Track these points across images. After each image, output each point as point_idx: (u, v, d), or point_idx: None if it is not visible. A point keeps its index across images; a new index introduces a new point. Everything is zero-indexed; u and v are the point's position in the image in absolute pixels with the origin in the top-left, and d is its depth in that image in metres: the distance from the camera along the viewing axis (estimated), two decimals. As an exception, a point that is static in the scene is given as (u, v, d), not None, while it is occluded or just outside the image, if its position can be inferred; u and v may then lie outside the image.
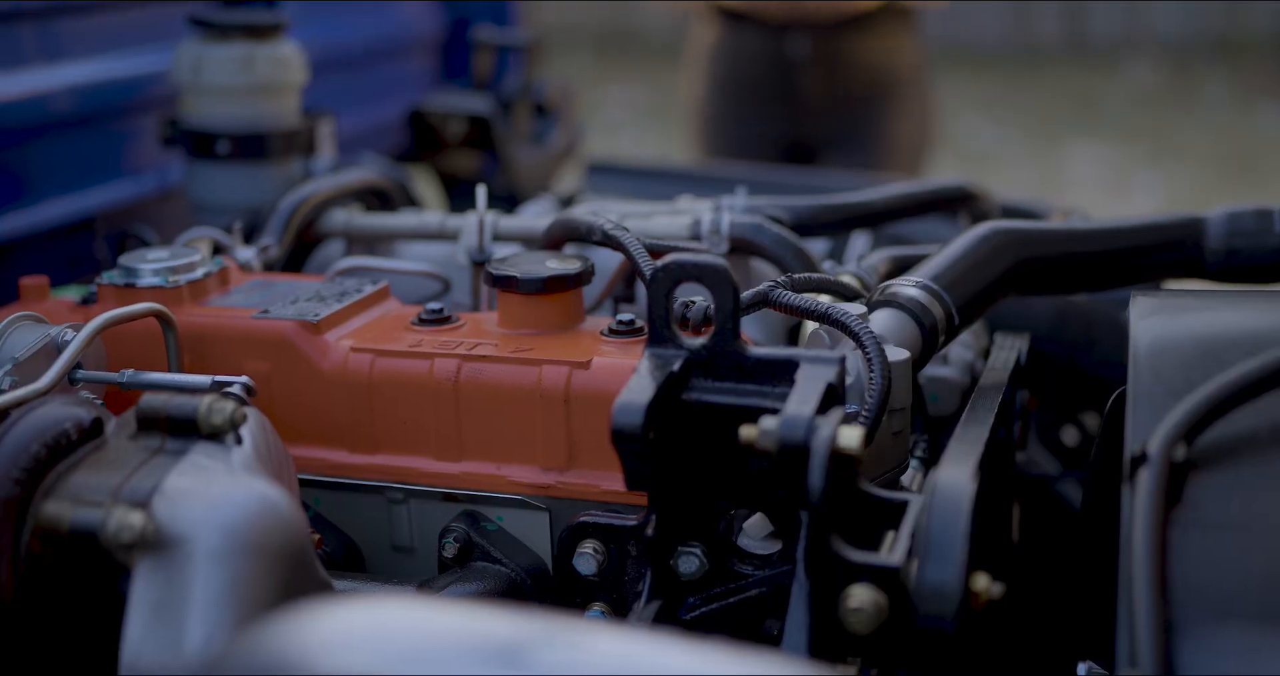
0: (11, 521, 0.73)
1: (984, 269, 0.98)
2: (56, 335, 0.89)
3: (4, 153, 1.34)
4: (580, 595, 0.88)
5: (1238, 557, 0.66)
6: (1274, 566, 0.65)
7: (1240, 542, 0.66)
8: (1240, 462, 0.70)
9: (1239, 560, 0.66)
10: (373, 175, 1.31)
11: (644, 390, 0.78)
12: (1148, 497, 0.67)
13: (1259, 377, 0.71)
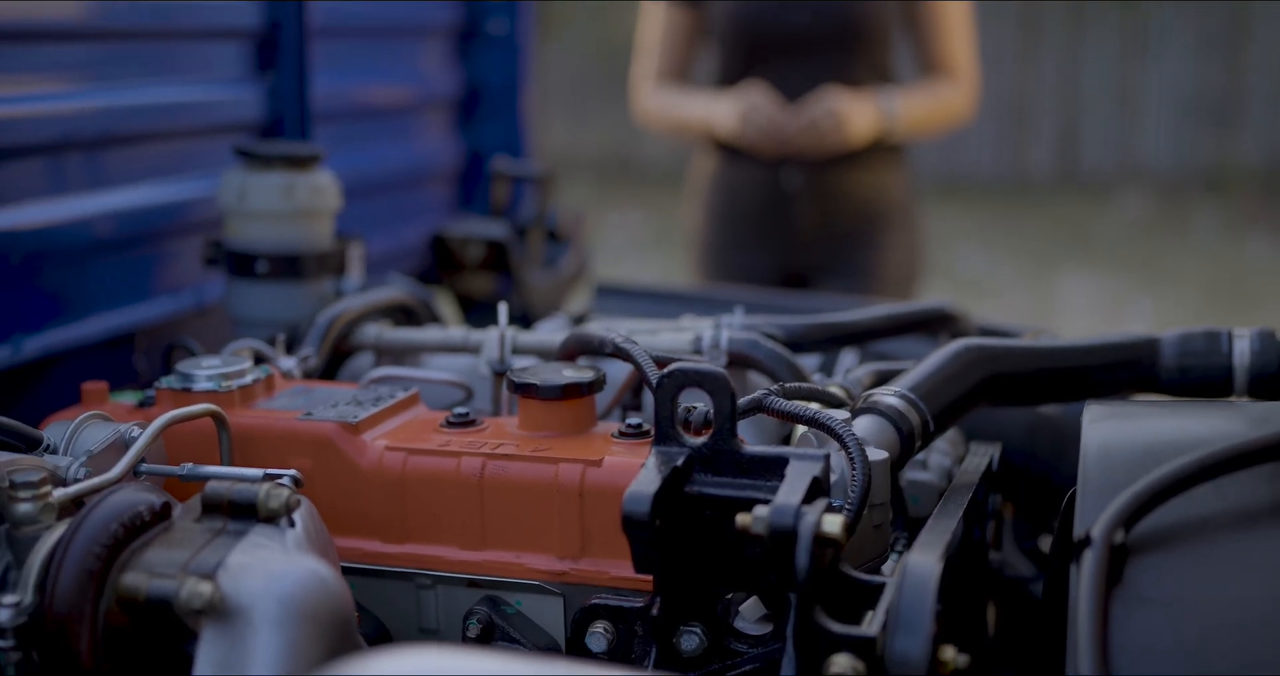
0: (94, 592, 0.83)
1: (957, 381, 1.09)
2: (125, 431, 1.00)
3: (51, 273, 1.45)
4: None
5: (1169, 629, 0.76)
6: (1198, 636, 0.75)
7: (1171, 615, 0.76)
8: (1172, 546, 0.80)
9: (1170, 631, 0.76)
10: (400, 293, 1.42)
11: (651, 482, 0.89)
12: (1091, 576, 0.77)
13: (1189, 473, 0.81)
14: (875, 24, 2.42)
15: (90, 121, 1.50)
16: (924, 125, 2.47)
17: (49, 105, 1.46)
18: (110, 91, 1.54)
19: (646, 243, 7.84)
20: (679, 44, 2.55)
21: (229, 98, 1.73)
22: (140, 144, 1.60)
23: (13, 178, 1.42)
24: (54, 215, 1.46)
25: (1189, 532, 0.80)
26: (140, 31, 1.58)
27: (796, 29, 2.40)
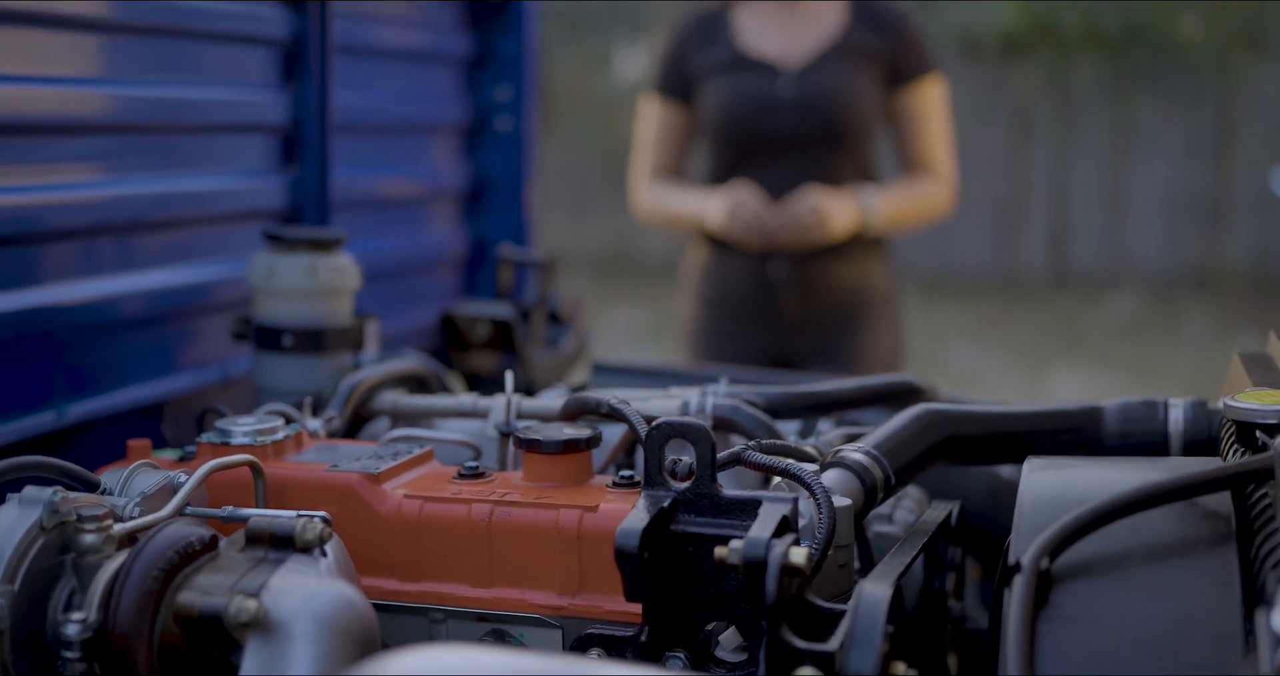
0: (152, 611, 0.95)
1: (916, 441, 1.21)
2: (173, 477, 1.12)
3: (89, 346, 1.58)
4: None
5: (1085, 642, 0.87)
6: (1111, 648, 0.87)
7: (1087, 631, 0.88)
8: (1090, 573, 0.92)
9: (1086, 644, 0.87)
10: (414, 365, 1.55)
11: (640, 520, 1.01)
12: (1020, 598, 0.89)
13: (1106, 511, 0.93)
14: (857, 125, 2.57)
15: (128, 207, 1.64)
16: (903, 220, 2.62)
17: (95, 192, 1.60)
18: (148, 180, 1.68)
19: (645, 335, 8.00)
20: (672, 141, 2.72)
21: (255, 187, 1.87)
22: (172, 228, 1.74)
23: (57, 258, 1.55)
24: (92, 293, 1.59)
25: (1106, 562, 0.92)
26: (175, 126, 1.73)
27: (781, 130, 2.56)
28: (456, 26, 2.34)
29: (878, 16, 2.67)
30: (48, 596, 0.98)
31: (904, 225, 2.66)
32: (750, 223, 2.46)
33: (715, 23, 2.71)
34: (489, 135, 2.42)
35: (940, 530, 1.21)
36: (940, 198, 2.66)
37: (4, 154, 1.45)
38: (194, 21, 1.73)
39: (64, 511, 0.99)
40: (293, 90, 1.92)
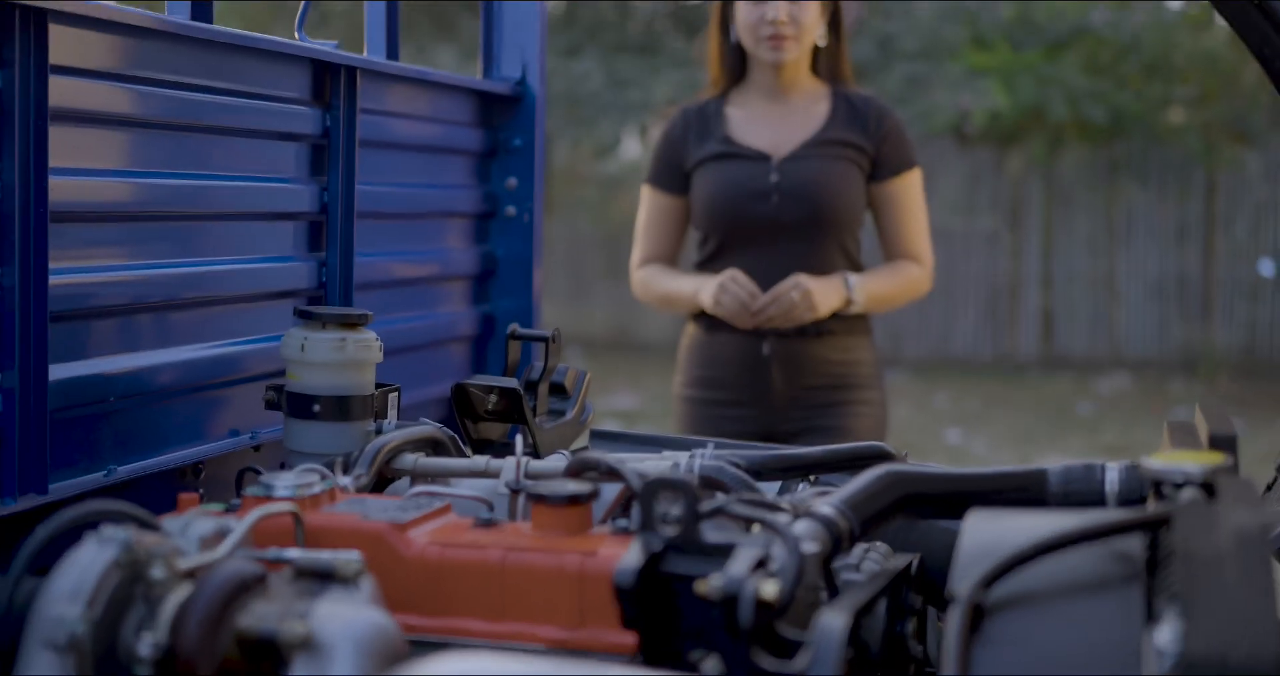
0: (214, 634, 1.10)
1: (880, 497, 1.37)
2: (225, 523, 1.28)
3: (136, 412, 1.74)
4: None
5: (1013, 662, 1.03)
6: (1035, 667, 1.02)
7: (1015, 653, 1.03)
8: (1018, 603, 1.07)
9: (1014, 664, 1.03)
10: (432, 430, 1.71)
11: (635, 560, 1.17)
12: (956, 624, 1.05)
13: (1032, 551, 1.09)
14: (840, 212, 2.74)
15: (173, 286, 1.80)
16: (884, 300, 2.78)
17: (143, 273, 1.76)
18: (190, 262, 1.85)
19: (640, 419, 8.17)
20: (667, 229, 2.90)
21: (285, 269, 2.04)
22: (211, 306, 1.90)
23: (108, 333, 1.71)
24: (139, 364, 1.74)
25: (1032, 594, 1.08)
26: (216, 213, 1.90)
27: (769, 216, 2.74)
28: (470, 122, 2.53)
29: (861, 112, 2.83)
30: (121, 622, 1.13)
31: (885, 305, 2.81)
32: (737, 303, 2.63)
33: (707, 116, 2.87)
34: (498, 221, 2.59)
35: (901, 577, 1.37)
36: (920, 281, 2.83)
37: (64, 238, 1.61)
38: (235, 120, 1.91)
39: (136, 549, 1.15)
40: (320, 181, 2.10)
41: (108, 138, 1.69)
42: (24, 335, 1.54)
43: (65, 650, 1.09)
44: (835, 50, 2.87)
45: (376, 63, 2.22)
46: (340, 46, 2.10)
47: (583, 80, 10.46)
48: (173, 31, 1.76)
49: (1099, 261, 12.87)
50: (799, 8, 2.74)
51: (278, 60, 1.99)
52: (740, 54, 2.86)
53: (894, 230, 2.83)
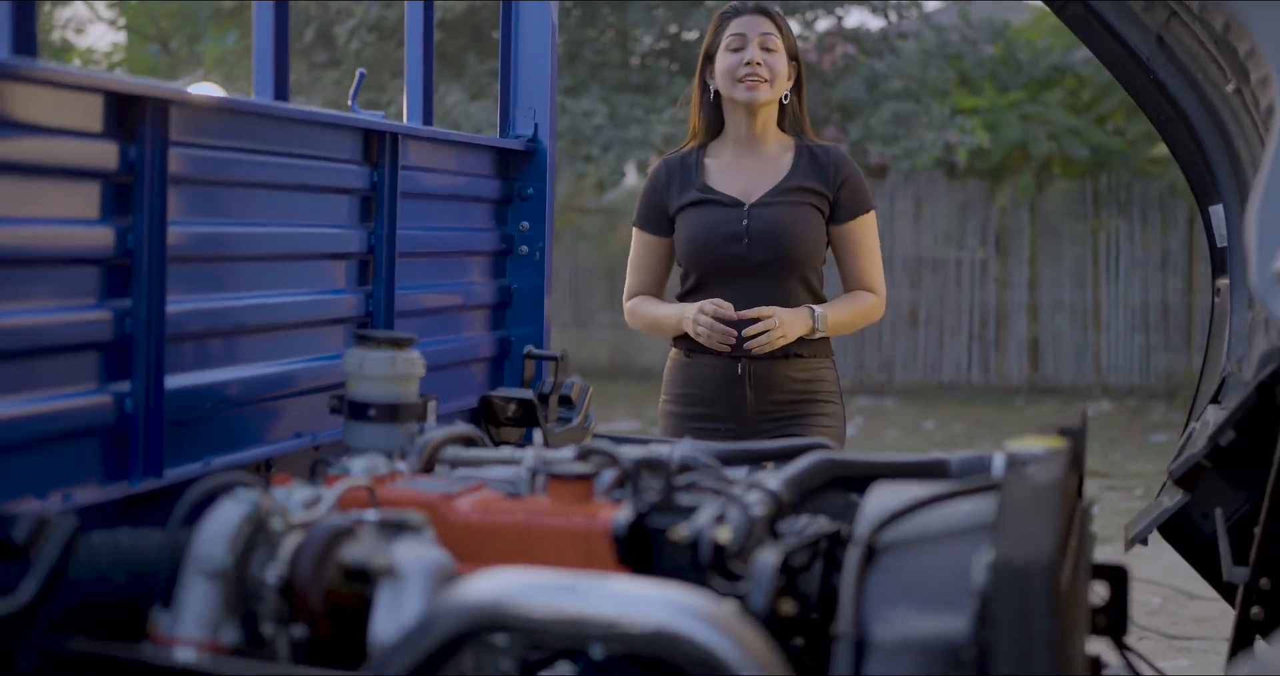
0: (321, 567, 1.52)
1: (814, 477, 1.79)
2: (320, 492, 1.70)
3: (226, 417, 2.15)
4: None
5: (894, 584, 1.45)
6: (909, 586, 1.44)
7: (895, 577, 1.45)
8: (904, 542, 1.49)
9: (895, 586, 1.45)
10: (466, 430, 2.13)
11: (627, 516, 1.59)
12: (853, 558, 1.47)
13: (910, 507, 1.51)
14: (803, 252, 3.08)
15: (253, 314, 2.23)
16: (843, 327, 3.12)
17: (231, 303, 2.18)
18: (266, 295, 2.27)
19: (640, 436, 8.56)
20: (653, 266, 3.27)
21: (339, 300, 2.47)
22: (279, 330, 2.32)
23: (203, 352, 2.13)
24: (227, 378, 2.17)
25: (910, 537, 1.50)
26: (284, 254, 2.32)
27: (738, 259, 3.08)
28: (490, 174, 2.96)
29: (822, 161, 3.15)
30: (250, 559, 1.55)
31: (845, 330, 3.16)
32: (709, 327, 2.99)
33: (688, 165, 3.21)
34: (514, 258, 3.01)
35: (833, 538, 1.78)
36: (875, 307, 3.18)
37: (177, 277, 2.03)
38: (303, 178, 2.34)
39: (261, 507, 1.57)
40: (368, 227, 2.52)
41: (210, 195, 2.12)
42: (147, 354, 1.96)
43: (213, 577, 1.51)
44: (798, 108, 3.23)
45: (414, 129, 2.65)
46: (386, 117, 2.54)
47: (585, 117, 10.91)
48: (258, 111, 2.20)
49: (1084, 291, 13.30)
50: (771, 57, 3.11)
51: (336, 130, 2.43)
52: (717, 110, 3.22)
53: (852, 266, 3.18)
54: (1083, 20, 2.66)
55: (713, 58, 3.20)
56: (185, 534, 1.56)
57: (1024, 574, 1.23)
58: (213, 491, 1.61)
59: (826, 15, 12.41)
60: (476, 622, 1.35)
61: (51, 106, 1.78)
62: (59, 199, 1.83)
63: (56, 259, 1.83)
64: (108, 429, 1.91)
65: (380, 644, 1.47)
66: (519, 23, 3.04)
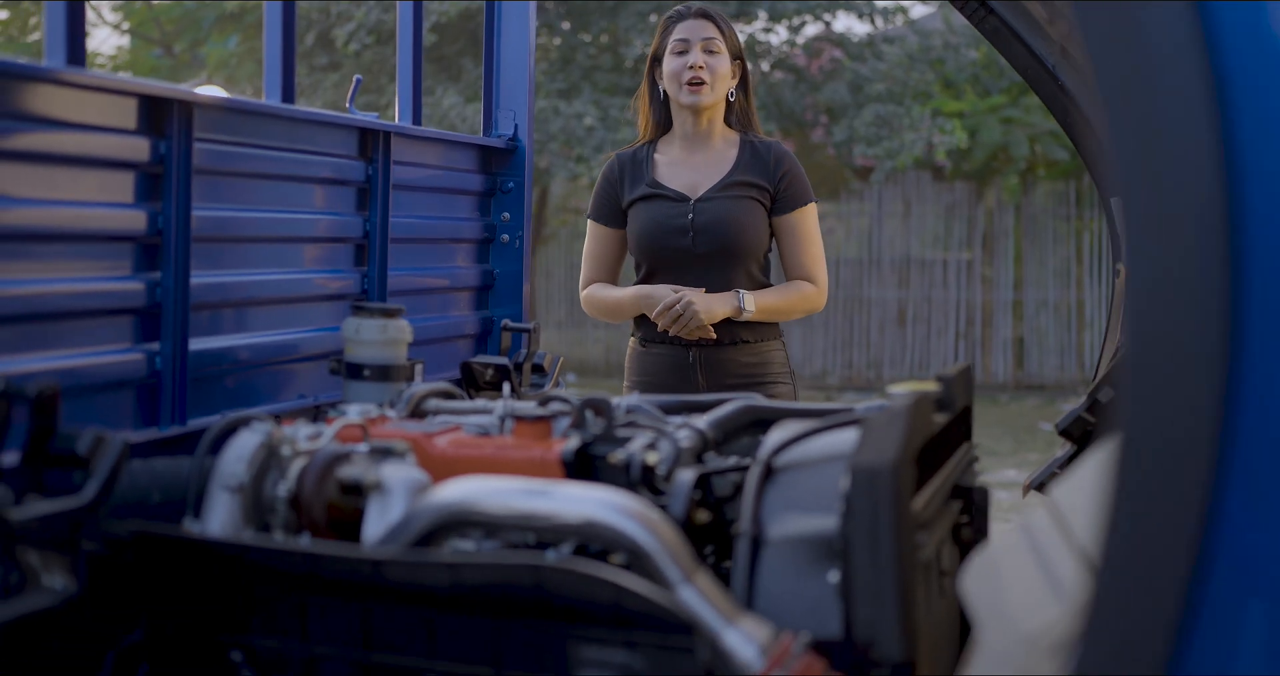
0: (323, 484, 1.86)
1: (735, 419, 2.13)
2: (324, 428, 2.04)
3: (243, 377, 2.50)
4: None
5: (786, 495, 1.79)
6: (799, 497, 1.78)
7: (786, 489, 1.79)
8: (794, 463, 1.83)
9: (787, 496, 1.79)
10: (447, 385, 2.47)
11: (574, 444, 1.93)
12: (754, 474, 1.81)
13: (798, 436, 1.85)
14: (746, 243, 3.28)
15: (265, 289, 2.57)
16: (775, 312, 3.30)
17: (248, 279, 2.53)
18: (277, 272, 2.62)
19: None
20: (607, 257, 3.49)
21: (339, 278, 2.81)
22: (287, 303, 2.67)
23: (222, 320, 2.47)
24: (241, 343, 2.51)
25: (803, 459, 1.84)
26: (292, 237, 2.66)
27: (684, 251, 3.30)
28: (474, 169, 3.31)
29: (764, 156, 3.34)
30: (265, 478, 1.90)
31: (778, 315, 3.33)
32: (661, 308, 3.22)
33: (639, 161, 3.42)
34: (496, 246, 3.36)
35: (743, 469, 2.12)
36: (812, 296, 3.36)
37: (199, 254, 2.37)
38: (306, 171, 2.69)
39: (274, 437, 1.91)
40: (364, 215, 2.87)
41: (227, 185, 2.47)
42: (174, 320, 2.30)
43: (235, 491, 1.86)
44: (745, 104, 3.43)
45: (405, 128, 3.00)
46: (379, 117, 2.88)
47: (578, 119, 11.25)
48: (268, 112, 2.54)
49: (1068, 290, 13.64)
50: (714, 60, 3.31)
51: (336, 129, 2.77)
52: (666, 109, 3.42)
53: (792, 256, 3.37)
54: (998, 32, 3.00)
55: (660, 60, 3.40)
56: (211, 459, 1.90)
57: (871, 474, 1.57)
58: (233, 425, 1.95)
59: (814, 20, 12.76)
60: (446, 517, 1.69)
61: (96, 107, 2.13)
62: (101, 186, 2.17)
63: (99, 236, 2.17)
64: (141, 382, 2.25)
65: (370, 544, 1.82)
66: (500, 33, 3.38)
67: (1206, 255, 1.17)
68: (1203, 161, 1.18)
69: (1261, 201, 1.18)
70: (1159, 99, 1.19)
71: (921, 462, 1.79)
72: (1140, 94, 1.20)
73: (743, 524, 1.74)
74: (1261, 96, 1.20)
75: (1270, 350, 1.17)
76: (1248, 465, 1.16)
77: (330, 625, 1.68)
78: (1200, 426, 1.15)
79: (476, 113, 11.17)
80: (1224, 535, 1.16)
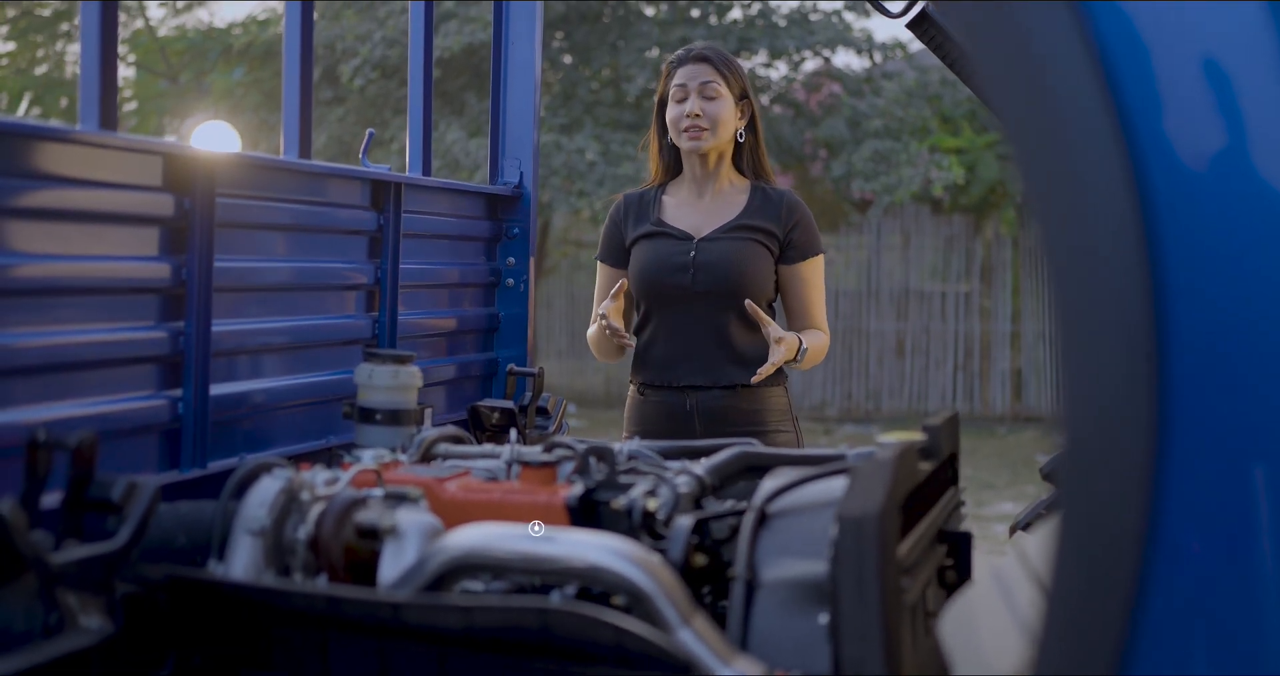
0: (340, 528, 1.96)
1: (731, 465, 2.24)
2: (340, 473, 2.14)
3: (260, 421, 2.61)
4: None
5: (778, 541, 1.89)
6: (790, 541, 1.88)
7: (782, 537, 1.90)
8: (787, 509, 1.94)
9: (779, 542, 1.89)
10: (457, 430, 2.58)
11: (579, 491, 2.04)
12: (749, 520, 1.91)
13: (797, 481, 1.96)
14: (748, 286, 3.22)
15: (282, 335, 2.69)
16: (810, 361, 3.27)
17: (264, 326, 2.64)
18: (294, 319, 2.73)
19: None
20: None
21: (351, 324, 2.92)
22: (308, 349, 2.78)
23: (240, 367, 2.58)
24: (259, 387, 2.62)
25: (796, 505, 1.94)
26: (308, 286, 2.78)
27: (679, 287, 3.26)
28: (481, 215, 3.42)
29: (775, 202, 3.30)
30: (285, 522, 2.00)
31: (809, 364, 3.29)
32: (609, 328, 3.17)
33: (646, 202, 3.38)
34: (501, 290, 3.47)
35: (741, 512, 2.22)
36: (827, 345, 3.35)
37: (220, 303, 2.48)
38: (322, 221, 2.80)
39: (294, 482, 2.02)
40: (375, 262, 2.98)
41: (247, 237, 2.58)
42: (196, 367, 2.41)
43: (257, 535, 1.96)
44: (755, 147, 3.37)
45: (415, 178, 3.12)
46: (391, 169, 3.00)
47: (579, 154, 11.39)
48: (286, 168, 2.66)
49: (1065, 322, 13.71)
50: (713, 105, 3.26)
51: (350, 180, 2.89)
52: (674, 152, 3.38)
53: (801, 305, 3.33)
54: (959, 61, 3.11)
55: (666, 103, 3.37)
56: (234, 504, 2.01)
57: (858, 523, 1.67)
58: (255, 471, 2.06)
59: (814, 56, 12.92)
60: (459, 562, 1.79)
61: (125, 167, 2.24)
62: (129, 240, 2.28)
63: (127, 288, 2.28)
64: (165, 427, 2.36)
65: (385, 586, 1.92)
66: (507, 81, 3.50)
67: (1127, 291, 1.28)
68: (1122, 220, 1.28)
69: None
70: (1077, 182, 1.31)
71: (907, 509, 1.90)
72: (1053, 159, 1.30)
73: (738, 568, 1.84)
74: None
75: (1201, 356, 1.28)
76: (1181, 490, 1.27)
77: (349, 661, 1.78)
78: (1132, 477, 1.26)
79: (479, 148, 11.32)
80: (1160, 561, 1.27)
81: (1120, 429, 1.28)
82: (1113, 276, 1.28)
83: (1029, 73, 1.30)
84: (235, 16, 25.52)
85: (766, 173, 3.42)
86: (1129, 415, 1.28)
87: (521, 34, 3.50)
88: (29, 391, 2.04)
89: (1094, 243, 1.28)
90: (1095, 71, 1.28)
